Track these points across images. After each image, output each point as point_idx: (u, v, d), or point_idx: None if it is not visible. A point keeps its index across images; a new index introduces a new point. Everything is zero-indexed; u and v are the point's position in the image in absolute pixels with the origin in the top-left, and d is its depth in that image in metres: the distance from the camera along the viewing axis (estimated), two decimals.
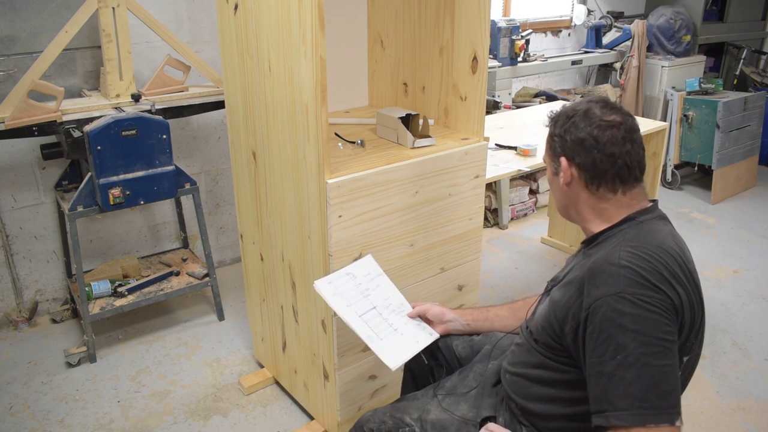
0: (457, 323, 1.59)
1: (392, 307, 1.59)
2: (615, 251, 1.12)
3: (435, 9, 2.00)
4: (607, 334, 1.05)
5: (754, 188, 4.49)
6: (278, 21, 1.64)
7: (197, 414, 2.23)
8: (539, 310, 1.29)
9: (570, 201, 1.27)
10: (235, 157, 2.12)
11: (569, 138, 1.21)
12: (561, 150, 1.23)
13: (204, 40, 2.90)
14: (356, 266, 1.65)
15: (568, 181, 1.24)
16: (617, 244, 1.14)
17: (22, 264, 2.73)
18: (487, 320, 1.60)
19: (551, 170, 1.29)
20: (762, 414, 2.22)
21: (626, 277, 1.06)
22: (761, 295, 3.01)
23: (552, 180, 1.31)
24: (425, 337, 1.55)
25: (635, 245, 1.12)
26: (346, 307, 1.53)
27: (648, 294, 1.05)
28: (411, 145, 1.89)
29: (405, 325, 1.56)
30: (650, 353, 1.02)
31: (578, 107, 1.23)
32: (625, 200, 1.21)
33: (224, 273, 3.21)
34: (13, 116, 2.20)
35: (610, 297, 1.05)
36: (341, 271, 1.62)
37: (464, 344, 1.61)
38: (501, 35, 3.78)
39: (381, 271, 1.67)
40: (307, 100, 1.61)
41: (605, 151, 1.19)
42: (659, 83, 4.48)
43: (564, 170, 1.23)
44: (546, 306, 1.25)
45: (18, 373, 2.44)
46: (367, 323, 1.52)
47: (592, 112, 1.21)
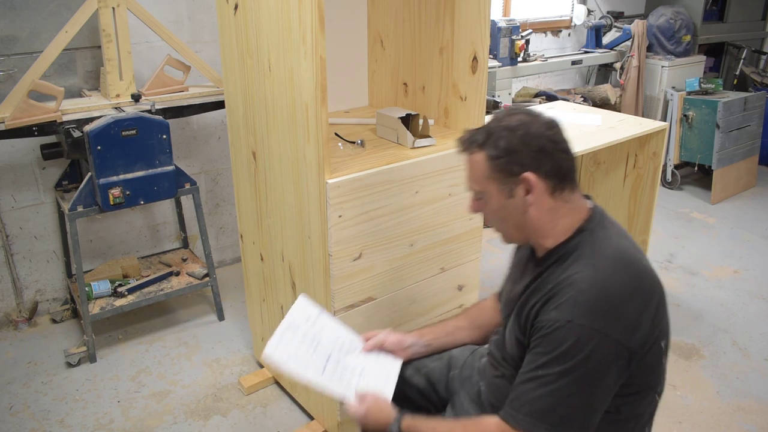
0: (418, 347, 1.51)
1: (345, 348, 1.46)
2: (571, 272, 1.14)
3: (435, 9, 2.00)
4: (542, 349, 1.12)
5: (754, 188, 4.49)
6: (278, 21, 1.64)
7: (197, 414, 2.23)
8: (508, 339, 1.28)
9: (528, 219, 1.20)
10: (235, 157, 2.12)
11: (528, 150, 1.15)
12: (522, 166, 1.15)
13: (204, 40, 2.90)
14: (294, 314, 1.47)
15: (535, 194, 1.17)
16: (577, 264, 1.15)
17: (22, 264, 2.73)
18: (448, 335, 1.54)
19: (503, 195, 1.19)
20: (762, 414, 2.22)
21: (582, 306, 1.09)
22: (761, 295, 3.01)
23: (502, 206, 1.21)
24: (391, 366, 1.46)
25: (594, 264, 1.13)
26: (305, 370, 1.37)
27: (596, 327, 1.07)
28: (411, 145, 1.89)
29: (368, 364, 1.44)
30: (570, 384, 1.08)
31: (508, 121, 1.18)
32: (576, 199, 1.22)
33: (224, 273, 3.21)
34: (13, 116, 2.20)
35: (560, 322, 1.09)
36: (282, 327, 1.43)
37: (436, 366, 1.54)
38: (501, 35, 3.78)
39: (319, 308, 1.52)
40: (307, 100, 1.61)
41: (563, 148, 1.19)
42: (659, 83, 4.48)
43: (532, 184, 1.16)
44: (510, 331, 1.27)
45: (18, 373, 2.44)
46: (332, 378, 1.39)
47: (528, 118, 1.18)
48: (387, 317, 1.94)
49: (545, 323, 1.12)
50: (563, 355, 1.08)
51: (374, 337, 1.48)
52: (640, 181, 3.02)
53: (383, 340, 1.48)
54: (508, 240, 1.29)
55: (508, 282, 1.41)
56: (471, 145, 1.21)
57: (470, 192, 1.27)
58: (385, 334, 1.49)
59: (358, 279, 1.81)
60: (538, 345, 1.13)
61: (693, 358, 2.53)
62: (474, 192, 1.25)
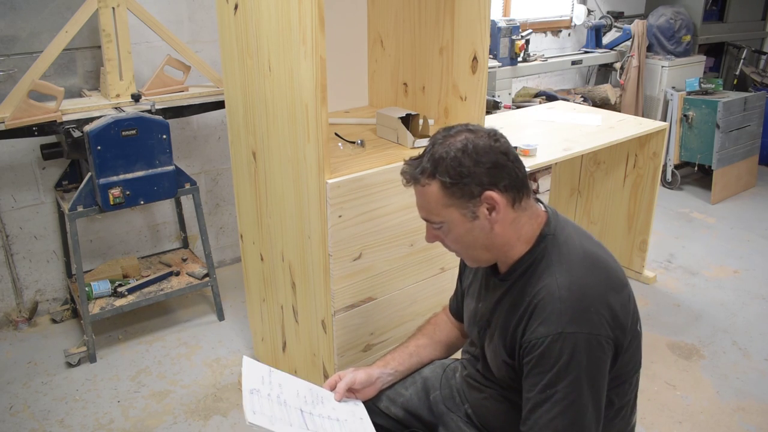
0: (386, 376, 1.44)
1: (309, 400, 1.37)
2: (549, 281, 1.13)
3: (435, 9, 2.00)
4: (541, 369, 1.09)
5: (754, 188, 4.49)
6: (278, 21, 1.64)
7: (197, 414, 2.23)
8: (492, 361, 1.26)
9: (495, 237, 1.17)
10: (235, 157, 2.12)
11: (483, 169, 1.11)
12: (482, 185, 1.12)
13: (204, 40, 2.90)
14: (248, 378, 1.36)
15: (498, 211, 1.14)
16: (549, 273, 1.14)
17: (22, 264, 2.73)
18: (412, 356, 1.48)
19: (466, 219, 1.15)
20: (762, 414, 2.22)
21: (567, 314, 1.08)
22: (761, 295, 3.01)
23: (467, 231, 1.16)
24: (358, 409, 1.39)
25: (569, 267, 1.14)
26: (291, 428, 1.29)
27: (585, 331, 1.08)
28: (411, 145, 1.89)
29: (338, 411, 1.37)
30: (579, 394, 1.08)
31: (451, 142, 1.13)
32: (532, 204, 1.20)
33: (224, 273, 3.21)
34: (13, 116, 2.20)
35: (552, 332, 1.08)
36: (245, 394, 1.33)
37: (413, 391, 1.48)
38: (501, 35, 3.78)
39: (267, 367, 1.42)
40: (307, 100, 1.61)
41: (513, 158, 1.15)
42: (659, 83, 4.48)
43: (495, 202, 1.13)
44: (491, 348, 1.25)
45: (18, 373, 2.44)
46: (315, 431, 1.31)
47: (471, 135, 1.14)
48: (387, 317, 1.94)
49: (535, 341, 1.10)
50: (565, 367, 1.07)
51: (342, 381, 1.37)
52: (640, 181, 3.02)
53: (352, 381, 1.37)
54: (475, 263, 1.25)
55: (468, 298, 1.38)
56: (420, 176, 1.15)
57: (427, 222, 1.21)
58: (350, 374, 1.38)
59: (358, 279, 1.81)
60: (536, 365, 1.11)
61: (693, 358, 2.53)
62: (431, 223, 1.19)
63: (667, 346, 2.61)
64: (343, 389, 1.35)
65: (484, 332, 1.28)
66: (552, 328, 1.08)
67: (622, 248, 3.16)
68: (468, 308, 1.38)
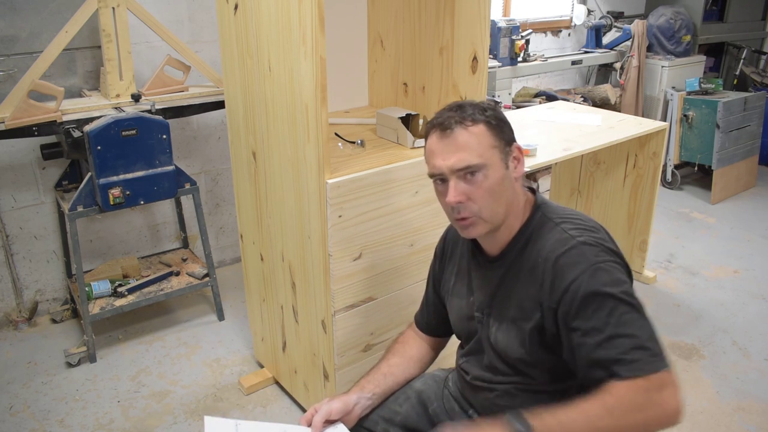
0: (363, 401, 1.37)
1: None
2: (561, 236, 1.16)
3: (435, 9, 2.00)
4: (594, 308, 1.08)
5: (754, 188, 4.49)
6: (278, 21, 1.64)
7: (197, 414, 2.23)
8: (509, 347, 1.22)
9: (513, 194, 1.21)
10: (235, 157, 2.12)
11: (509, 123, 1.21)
12: (511, 137, 1.20)
13: (204, 40, 2.90)
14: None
15: (521, 166, 1.21)
16: (554, 232, 1.18)
17: (22, 264, 2.73)
18: (387, 376, 1.42)
19: (503, 165, 1.17)
20: (762, 414, 2.22)
21: (590, 250, 1.12)
22: (761, 295, 3.01)
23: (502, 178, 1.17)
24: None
25: (570, 222, 1.19)
26: None
27: (611, 258, 1.13)
28: (411, 145, 1.89)
29: None
30: (635, 308, 1.09)
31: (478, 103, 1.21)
32: None
33: (224, 273, 3.21)
34: (13, 116, 2.20)
35: (585, 273, 1.10)
36: None
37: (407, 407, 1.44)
38: (501, 35, 3.78)
39: (234, 420, 1.34)
40: (307, 100, 1.61)
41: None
42: (659, 83, 4.48)
43: (521, 155, 1.21)
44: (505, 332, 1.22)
45: (18, 373, 2.44)
46: None
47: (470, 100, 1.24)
48: (387, 317, 1.94)
49: (573, 287, 1.09)
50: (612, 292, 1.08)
51: (318, 414, 1.29)
52: (640, 181, 3.02)
53: (328, 413, 1.30)
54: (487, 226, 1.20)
55: (453, 300, 1.38)
56: (465, 118, 1.16)
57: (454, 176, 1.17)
58: (326, 406, 1.31)
59: (358, 279, 1.81)
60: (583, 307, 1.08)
61: (693, 358, 2.53)
62: (467, 169, 1.16)
63: (667, 346, 2.61)
64: (320, 423, 1.28)
65: (486, 321, 1.28)
66: (582, 266, 1.11)
67: (622, 248, 3.09)
68: (456, 308, 1.37)
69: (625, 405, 1.03)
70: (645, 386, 1.03)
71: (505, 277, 1.23)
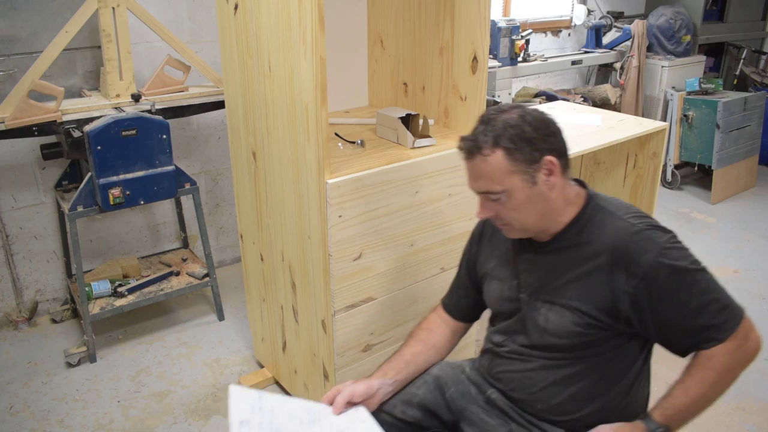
0: (386, 386, 1.41)
1: (306, 418, 1.32)
2: (622, 224, 1.23)
3: (435, 9, 2.00)
4: (677, 284, 1.18)
5: (754, 188, 4.49)
6: (278, 21, 1.64)
7: (197, 414, 2.23)
8: (551, 322, 1.28)
9: (550, 202, 1.24)
10: (235, 157, 2.12)
11: (542, 135, 1.20)
12: (541, 150, 1.20)
13: (204, 40, 2.90)
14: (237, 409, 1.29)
15: (555, 176, 1.22)
16: (613, 220, 1.24)
17: (22, 264, 2.73)
18: (409, 364, 1.46)
19: (527, 185, 1.21)
20: (762, 414, 2.22)
21: (654, 234, 1.20)
22: (761, 295, 3.01)
23: (527, 198, 1.22)
24: (360, 415, 1.35)
25: (627, 212, 1.26)
26: None
27: (672, 235, 1.22)
28: (411, 145, 1.89)
29: (337, 423, 1.32)
30: (706, 272, 1.21)
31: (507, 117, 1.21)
32: (569, 174, 1.29)
33: (224, 273, 3.21)
34: (13, 116, 2.20)
35: (659, 256, 1.18)
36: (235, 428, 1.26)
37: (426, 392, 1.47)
38: (501, 35, 3.78)
39: (257, 392, 1.36)
40: (307, 100, 1.61)
41: (560, 128, 1.25)
42: (659, 83, 4.48)
43: (554, 166, 1.21)
44: (559, 313, 1.27)
45: (18, 373, 2.44)
46: None
47: (522, 109, 1.23)
48: (387, 317, 1.94)
49: (651, 272, 1.17)
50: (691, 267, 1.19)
51: (340, 395, 1.33)
52: (640, 181, 3.02)
53: (351, 394, 1.34)
54: (523, 233, 1.29)
55: (493, 282, 1.42)
56: (483, 146, 1.20)
57: (481, 195, 1.26)
58: (349, 387, 1.35)
59: (358, 279, 1.81)
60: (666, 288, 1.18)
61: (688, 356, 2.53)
62: (490, 194, 1.23)
63: None
64: (342, 403, 1.32)
65: (533, 303, 1.31)
66: (654, 249, 1.18)
67: None
68: (496, 290, 1.41)
69: (728, 367, 1.19)
70: (737, 343, 1.19)
71: (558, 262, 1.28)
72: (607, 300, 1.22)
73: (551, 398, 1.32)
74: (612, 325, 1.23)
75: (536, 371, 1.33)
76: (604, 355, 1.27)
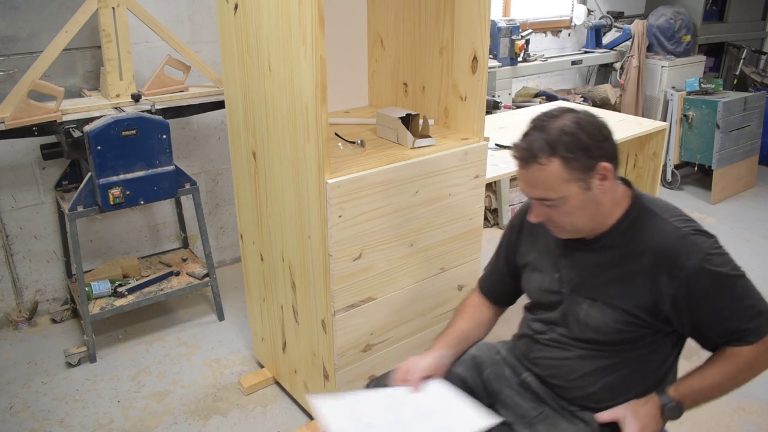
0: (447, 358, 1.47)
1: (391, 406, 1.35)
2: (668, 227, 1.26)
3: (435, 9, 2.00)
4: (717, 289, 1.22)
5: (754, 188, 4.49)
6: (278, 21, 1.64)
7: (197, 414, 2.23)
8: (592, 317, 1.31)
9: (601, 205, 1.26)
10: (235, 157, 2.12)
11: (597, 141, 1.21)
12: (596, 157, 1.21)
13: (204, 40, 2.90)
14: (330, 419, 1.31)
15: (609, 180, 1.24)
16: (660, 223, 1.27)
17: (22, 264, 2.73)
18: (467, 340, 1.53)
19: (581, 191, 1.23)
20: (762, 414, 2.22)
21: (699, 239, 1.23)
22: None
23: (582, 203, 1.24)
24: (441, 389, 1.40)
25: (673, 215, 1.28)
26: None
27: (714, 240, 1.25)
28: (411, 145, 1.89)
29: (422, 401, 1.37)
30: (745, 278, 1.26)
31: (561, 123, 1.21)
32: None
33: (224, 273, 3.21)
34: (13, 116, 2.20)
35: (702, 261, 1.21)
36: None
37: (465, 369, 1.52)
38: (501, 35, 3.78)
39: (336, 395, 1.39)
40: (307, 100, 1.61)
41: (611, 131, 1.26)
42: (659, 83, 4.48)
43: (608, 171, 1.23)
44: (601, 310, 1.30)
45: (18, 373, 2.44)
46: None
47: (575, 114, 1.24)
48: (387, 317, 1.94)
49: (694, 276, 1.21)
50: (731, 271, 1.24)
51: (415, 374, 1.40)
52: (640, 181, 3.02)
53: (424, 369, 1.41)
54: (574, 234, 1.31)
55: (533, 273, 1.45)
56: (538, 155, 1.21)
57: (535, 201, 1.28)
58: (419, 363, 1.42)
59: (358, 279, 1.81)
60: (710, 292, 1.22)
61: (693, 358, 2.52)
62: (545, 200, 1.25)
63: None
64: (418, 381, 1.39)
65: (575, 297, 1.34)
66: (698, 254, 1.21)
67: None
68: (537, 282, 1.44)
69: (750, 367, 1.25)
70: (765, 347, 1.23)
71: (602, 261, 1.31)
72: (650, 300, 1.25)
73: (588, 386, 1.36)
74: (652, 323, 1.27)
75: (574, 360, 1.37)
76: (641, 350, 1.31)
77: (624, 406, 1.30)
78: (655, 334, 1.30)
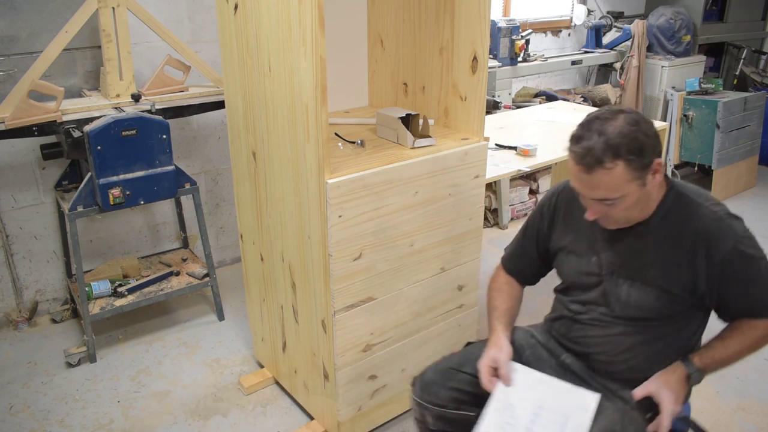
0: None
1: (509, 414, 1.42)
2: (704, 212, 1.35)
3: (435, 9, 2.00)
4: (746, 270, 1.33)
5: (754, 188, 4.49)
6: (278, 21, 1.64)
7: (197, 414, 2.23)
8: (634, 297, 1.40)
9: (648, 197, 1.33)
10: (235, 157, 2.12)
11: (651, 140, 1.28)
12: (651, 155, 1.28)
13: (204, 40, 2.90)
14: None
15: (660, 174, 1.31)
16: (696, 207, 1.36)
17: (22, 264, 2.73)
18: (513, 319, 1.62)
19: (639, 188, 1.29)
20: (762, 414, 2.22)
21: (733, 223, 1.34)
22: None
23: (638, 198, 1.31)
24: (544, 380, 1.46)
25: (707, 199, 1.37)
26: None
27: (743, 223, 1.36)
28: (411, 145, 1.89)
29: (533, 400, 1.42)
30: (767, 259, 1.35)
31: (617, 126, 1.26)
32: None
33: (224, 273, 3.21)
34: (13, 116, 2.20)
35: (737, 243, 1.32)
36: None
37: None
38: (501, 35, 3.78)
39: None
40: (307, 100, 1.61)
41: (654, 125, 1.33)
42: (659, 83, 4.48)
43: (660, 166, 1.30)
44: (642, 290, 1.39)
45: (18, 373, 2.44)
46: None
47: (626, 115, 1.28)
48: (387, 317, 1.94)
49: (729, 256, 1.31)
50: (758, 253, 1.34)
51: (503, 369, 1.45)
52: None
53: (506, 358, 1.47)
54: (625, 223, 1.38)
55: (570, 256, 1.51)
56: (603, 160, 1.25)
57: (593, 201, 1.33)
58: (501, 357, 1.46)
59: (358, 279, 1.81)
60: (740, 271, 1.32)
61: None
62: (605, 200, 1.31)
63: None
64: (509, 376, 1.45)
65: (615, 279, 1.43)
66: (733, 238, 1.32)
67: None
68: (573, 264, 1.51)
69: (765, 336, 1.38)
70: None
71: (642, 244, 1.39)
72: (689, 280, 1.35)
73: (630, 359, 1.44)
74: (689, 300, 1.37)
75: (617, 336, 1.45)
76: (677, 323, 1.42)
77: (654, 380, 1.38)
78: (689, 309, 1.40)
